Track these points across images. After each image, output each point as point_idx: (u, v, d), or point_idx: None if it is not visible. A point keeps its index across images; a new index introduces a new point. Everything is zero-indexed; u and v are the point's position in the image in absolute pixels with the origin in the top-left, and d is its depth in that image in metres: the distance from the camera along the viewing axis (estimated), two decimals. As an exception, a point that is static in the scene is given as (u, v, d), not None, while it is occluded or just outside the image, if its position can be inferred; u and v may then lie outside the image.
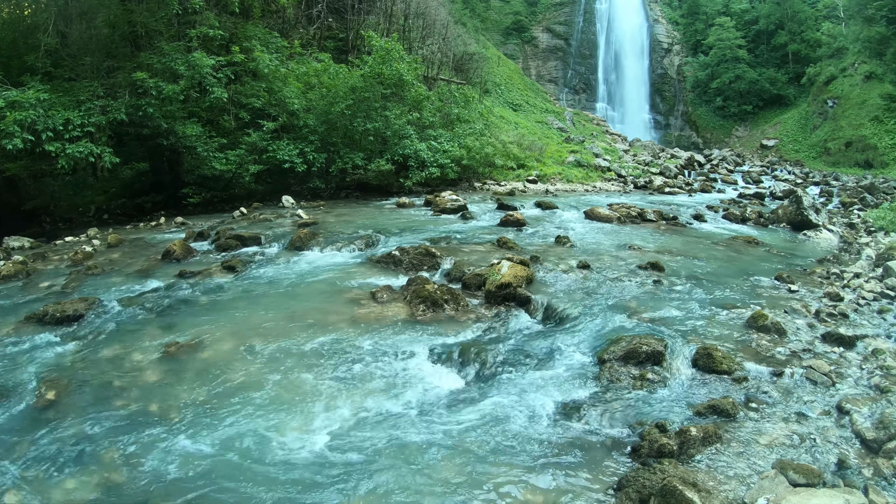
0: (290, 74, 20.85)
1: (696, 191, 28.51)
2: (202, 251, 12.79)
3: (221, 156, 18.15)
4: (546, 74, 66.90)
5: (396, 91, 22.08)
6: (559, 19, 68.78)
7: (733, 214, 20.02)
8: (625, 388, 6.90)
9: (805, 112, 53.84)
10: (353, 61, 23.16)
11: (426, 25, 33.88)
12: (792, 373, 7.25)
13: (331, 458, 5.59)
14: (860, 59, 47.85)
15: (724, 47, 60.33)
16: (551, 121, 43.56)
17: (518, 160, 27.50)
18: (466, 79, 35.22)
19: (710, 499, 4.83)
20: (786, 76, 59.94)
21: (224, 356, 7.57)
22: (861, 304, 10.10)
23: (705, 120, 63.46)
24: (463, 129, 24.82)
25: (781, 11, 60.44)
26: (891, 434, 5.77)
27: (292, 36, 24.79)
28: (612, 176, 30.01)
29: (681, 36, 69.36)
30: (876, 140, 42.07)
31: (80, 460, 5.57)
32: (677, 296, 10.02)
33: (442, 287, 9.63)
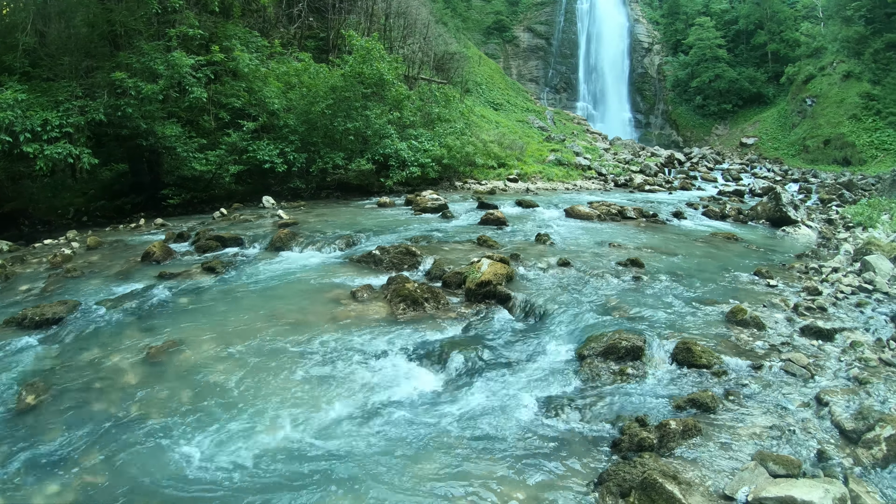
0: (270, 74, 20.77)
1: (676, 188, 28.71)
2: (182, 252, 12.72)
3: (201, 156, 18.03)
4: (527, 74, 67.06)
5: (377, 90, 22.05)
6: (540, 19, 68.97)
7: (713, 211, 20.19)
8: (605, 384, 6.94)
9: (784, 110, 54.42)
10: (334, 61, 23.11)
11: (407, 25, 33.85)
12: (771, 366, 7.32)
13: (312, 457, 5.57)
14: (838, 58, 48.57)
15: (704, 47, 60.79)
16: (532, 120, 43.61)
17: (499, 159, 27.54)
18: (447, 78, 35.23)
19: (691, 491, 4.85)
20: (765, 75, 60.58)
21: (205, 358, 7.52)
22: (839, 298, 10.22)
23: (685, 118, 63.90)
24: (444, 129, 24.85)
25: (761, 11, 61.05)
26: (870, 424, 5.82)
27: (273, 35, 24.69)
28: (592, 174, 30.11)
29: (661, 35, 69.83)
30: (854, 138, 42.70)
31: (61, 465, 5.52)
32: (657, 292, 10.07)
33: (422, 286, 9.64)
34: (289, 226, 14.33)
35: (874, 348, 8.00)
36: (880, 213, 19.51)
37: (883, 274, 11.58)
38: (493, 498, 5.05)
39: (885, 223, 17.89)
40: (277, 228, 13.96)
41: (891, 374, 7.19)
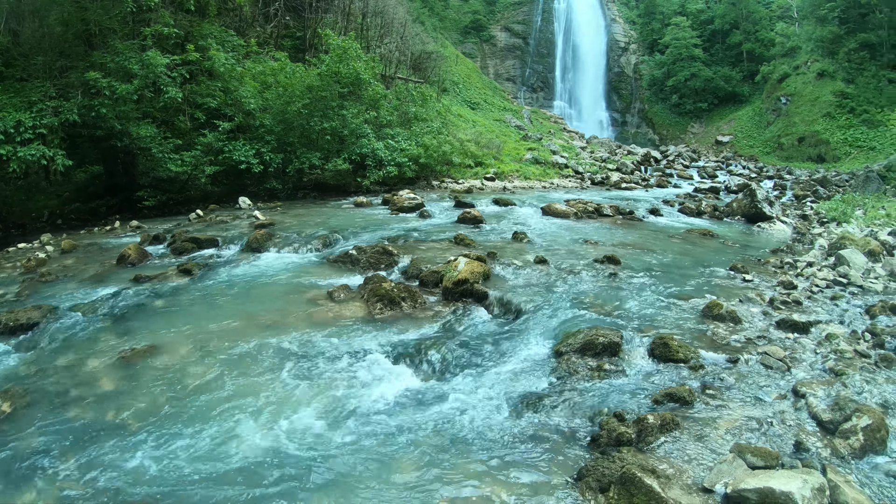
0: (246, 73, 20.59)
1: (652, 186, 28.88)
2: (158, 255, 12.59)
3: (177, 157, 17.84)
4: (504, 73, 67.15)
5: (354, 90, 21.95)
6: (517, 18, 69.09)
7: (689, 208, 20.35)
8: (582, 380, 6.93)
9: (759, 109, 55.02)
10: (311, 60, 23.00)
11: (384, 24, 33.74)
12: (748, 359, 7.39)
13: (290, 460, 5.51)
14: (813, 57, 49.29)
15: (680, 46, 61.23)
16: (509, 119, 43.67)
17: (476, 158, 27.53)
18: (424, 77, 35.17)
19: (670, 484, 4.87)
20: (740, 74, 61.13)
21: (181, 361, 7.44)
22: (814, 292, 10.36)
23: (661, 117, 64.33)
24: (420, 128, 24.82)
25: (736, 12, 61.64)
26: (846, 415, 5.89)
27: (249, 34, 24.48)
28: (569, 173, 30.18)
29: (637, 35, 70.25)
30: (828, 135, 43.33)
31: (38, 472, 5.41)
32: (633, 288, 10.12)
33: (399, 285, 9.62)
34: (265, 227, 14.22)
35: (849, 340, 8.10)
36: (854, 209, 19.80)
37: (857, 267, 11.73)
38: (473, 496, 5.02)
39: (859, 218, 18.13)
40: (254, 229, 13.85)
41: (866, 366, 7.29)
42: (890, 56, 43.98)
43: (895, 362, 7.40)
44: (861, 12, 44.95)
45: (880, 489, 5.17)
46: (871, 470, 5.41)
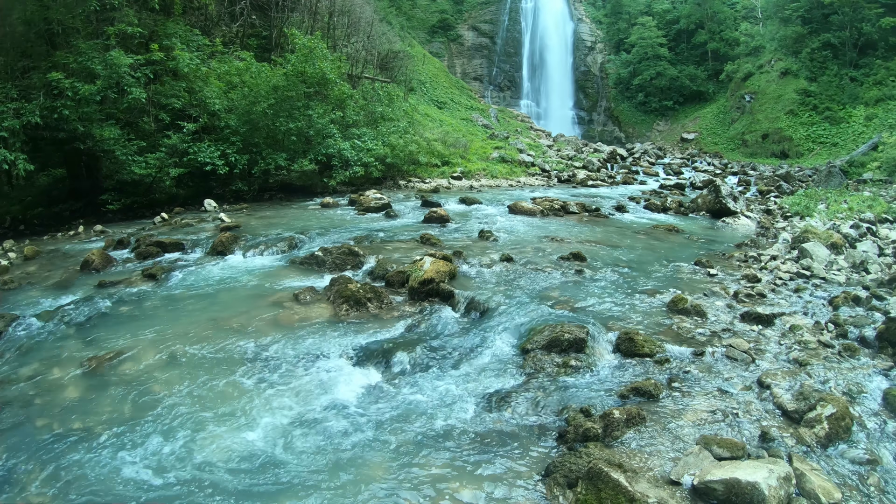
0: (211, 74, 20.31)
1: (618, 183, 29.14)
2: (122, 260, 12.34)
3: (141, 159, 17.53)
4: (471, 72, 67.21)
5: (320, 90, 21.79)
6: (485, 18, 69.17)
7: (654, 204, 20.52)
8: (549, 376, 6.94)
9: (723, 107, 55.77)
10: (277, 60, 22.79)
11: (351, 23, 33.54)
12: (713, 352, 7.46)
13: (255, 463, 5.44)
14: (776, 56, 50.17)
15: (646, 45, 61.73)
16: (476, 118, 43.74)
17: (443, 157, 27.53)
18: (391, 77, 35.08)
19: (637, 478, 4.88)
20: (705, 73, 61.92)
21: (147, 367, 7.30)
22: (778, 285, 10.51)
23: (627, 115, 64.86)
24: (387, 128, 24.73)
25: (702, 12, 62.37)
26: (811, 404, 5.98)
27: (214, 34, 24.16)
28: (536, 171, 30.27)
29: (604, 35, 70.71)
30: (791, 132, 44.16)
31: (3, 485, 5.29)
32: (599, 284, 10.18)
33: (365, 286, 9.55)
34: (231, 229, 14.08)
35: (813, 331, 8.22)
36: (817, 203, 20.09)
37: (820, 260, 11.90)
38: (442, 496, 5.00)
39: (822, 212, 18.40)
40: (219, 232, 13.70)
41: (830, 356, 7.41)
42: (851, 55, 44.94)
43: (858, 352, 7.53)
44: (824, 13, 45.91)
45: (846, 476, 5.24)
46: (836, 457, 5.49)
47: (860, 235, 15.05)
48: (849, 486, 5.10)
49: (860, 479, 5.21)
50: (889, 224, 17.15)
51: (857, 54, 44.76)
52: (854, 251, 12.82)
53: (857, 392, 6.54)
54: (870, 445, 5.66)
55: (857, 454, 5.51)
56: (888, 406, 6.27)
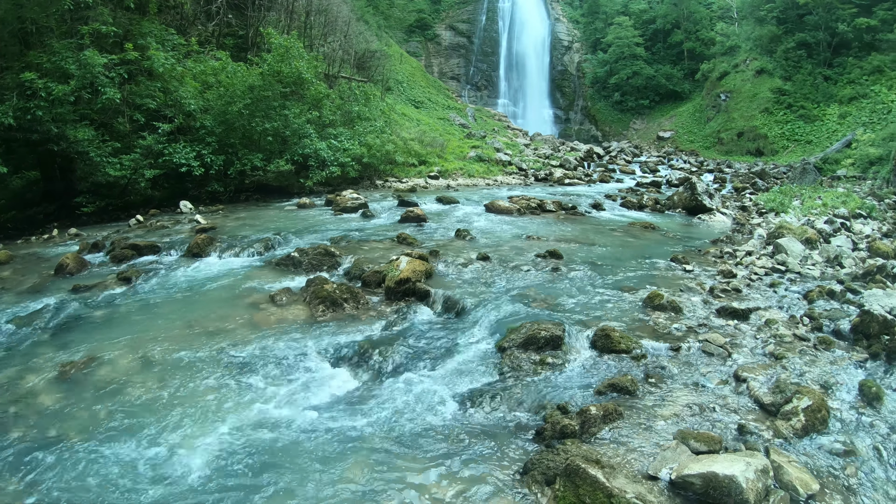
0: (186, 73, 20.07)
1: (595, 181, 29.25)
2: (97, 263, 12.16)
3: (115, 161, 17.25)
4: (449, 72, 67.22)
5: (296, 89, 21.66)
6: (462, 17, 69.18)
7: (631, 202, 20.62)
8: (526, 374, 6.95)
9: (699, 105, 56.32)
10: (253, 59, 22.60)
11: (328, 22, 33.30)
12: (689, 347, 7.51)
13: (233, 467, 5.38)
14: (752, 55, 50.76)
15: (622, 45, 62.09)
16: (453, 117, 43.73)
17: (419, 157, 27.48)
18: (368, 76, 34.94)
19: (615, 474, 4.87)
20: (681, 72, 62.50)
21: (123, 372, 7.20)
22: (753, 280, 10.60)
23: (604, 114, 65.24)
24: (364, 127, 24.58)
25: (678, 12, 62.90)
26: (787, 397, 6.03)
27: (190, 33, 23.87)
28: (513, 170, 30.28)
29: (581, 34, 71.07)
30: (766, 130, 44.70)
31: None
32: (576, 281, 10.22)
33: (341, 286, 9.50)
34: (207, 231, 13.94)
35: (788, 325, 8.30)
36: (791, 200, 20.31)
37: (794, 255, 12.00)
38: (420, 495, 4.98)
39: (796, 208, 18.59)
40: (195, 234, 13.54)
41: (805, 349, 7.48)
42: (826, 55, 45.52)
43: (833, 345, 7.61)
44: (799, 13, 46.57)
45: (824, 467, 5.30)
46: (813, 449, 5.54)
47: (834, 231, 15.23)
48: (826, 477, 5.15)
49: (837, 469, 5.27)
50: (862, 219, 17.38)
51: (831, 54, 45.32)
52: (828, 246, 12.95)
53: (832, 384, 6.61)
54: (846, 437, 5.73)
55: (834, 445, 5.58)
56: (864, 397, 6.35)
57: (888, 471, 5.33)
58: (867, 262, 11.95)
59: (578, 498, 4.58)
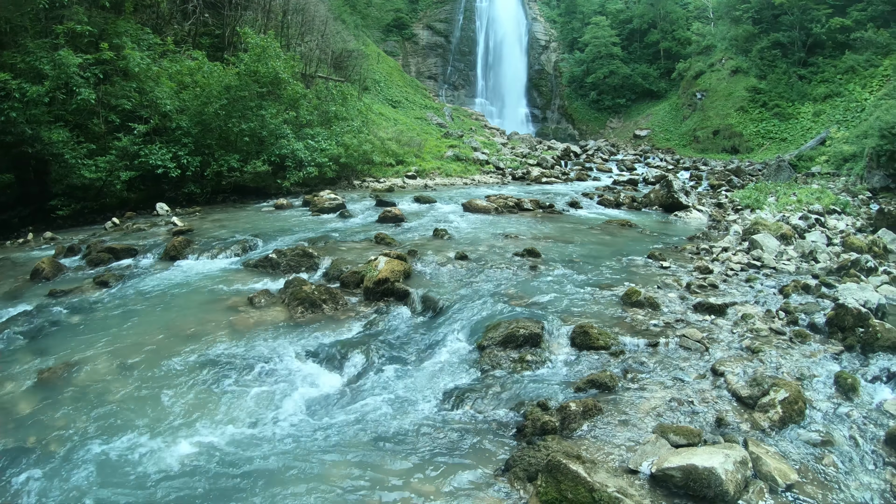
0: (162, 73, 19.83)
1: (572, 179, 29.39)
2: (73, 267, 11.97)
3: (91, 163, 16.98)
4: (426, 71, 67.18)
5: (273, 89, 21.52)
6: (440, 17, 69.15)
7: (608, 200, 20.74)
8: (506, 372, 7.00)
9: (675, 104, 56.86)
10: (229, 59, 22.42)
11: (305, 22, 33.09)
12: (667, 342, 7.57)
13: (215, 471, 5.35)
14: (727, 55, 51.48)
15: (599, 45, 62.41)
16: (430, 117, 43.74)
17: (397, 156, 27.45)
18: (345, 76, 34.82)
19: (596, 469, 4.89)
20: (657, 71, 63.00)
21: (101, 377, 7.12)
22: (729, 275, 10.71)
23: (581, 113, 65.56)
24: (341, 127, 24.46)
25: (654, 12, 63.46)
26: (764, 390, 6.11)
27: (166, 32, 23.55)
28: (490, 169, 30.36)
29: (558, 34, 71.38)
30: (741, 128, 45.27)
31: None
32: (554, 279, 10.25)
33: (320, 287, 9.47)
34: (184, 233, 13.81)
35: (764, 319, 8.39)
36: (766, 196, 20.54)
37: (770, 251, 12.13)
38: (403, 495, 4.99)
39: (771, 205, 18.79)
40: (172, 236, 13.41)
41: (781, 342, 7.58)
42: (800, 54, 46.19)
43: (809, 338, 7.70)
44: (774, 13, 47.32)
45: (801, 457, 5.38)
46: (791, 440, 5.63)
47: (809, 226, 15.40)
48: (804, 467, 5.24)
49: (815, 459, 5.36)
50: (837, 215, 17.61)
51: (805, 53, 45.94)
52: (803, 241, 13.08)
53: (809, 376, 6.70)
54: (823, 427, 5.82)
55: (811, 436, 5.66)
56: (840, 389, 6.45)
57: (865, 459, 5.42)
58: (841, 256, 12.10)
59: (560, 493, 4.59)
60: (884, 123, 24.41)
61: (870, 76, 40.83)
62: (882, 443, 5.62)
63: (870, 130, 26.54)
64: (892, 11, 41.15)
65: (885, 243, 13.83)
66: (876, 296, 8.89)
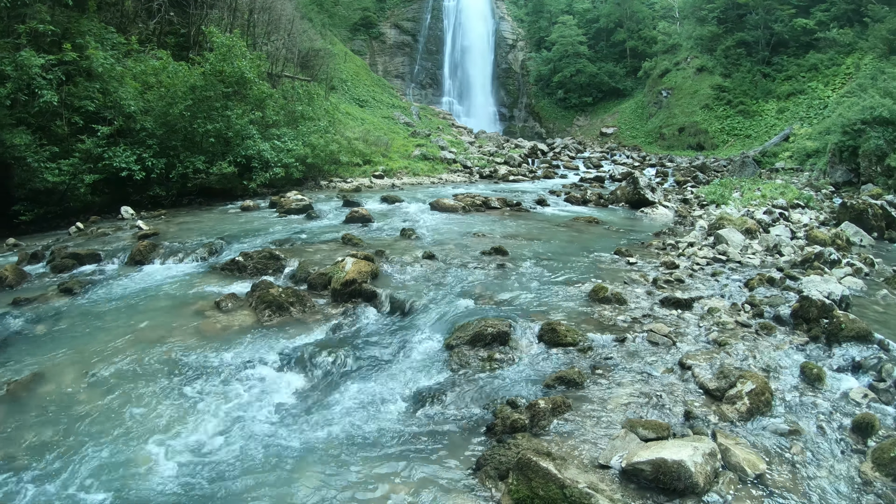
0: (126, 73, 19.50)
1: (539, 177, 29.59)
2: (37, 274, 11.67)
3: (53, 166, 16.63)
4: (393, 70, 67.11)
5: (238, 89, 21.28)
6: (407, 15, 69.15)
7: (575, 197, 20.87)
8: (475, 371, 7.00)
9: (641, 102, 57.61)
10: (195, 58, 22.13)
11: (271, 21, 32.79)
12: (634, 338, 7.64)
13: (184, 480, 5.26)
14: (693, 54, 52.32)
15: (566, 43, 62.93)
16: (398, 116, 43.69)
17: (364, 156, 27.35)
18: (312, 75, 34.59)
19: (566, 465, 4.90)
20: (624, 70, 63.79)
21: (68, 388, 6.96)
22: (695, 270, 10.82)
23: (548, 111, 65.99)
24: (308, 127, 24.28)
25: (621, 11, 64.31)
26: (731, 382, 6.19)
27: (130, 31, 23.11)
28: (457, 167, 30.42)
29: (525, 33, 71.87)
30: (706, 125, 45.96)
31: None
32: (521, 277, 10.29)
33: (287, 289, 9.35)
34: (149, 237, 13.58)
35: (730, 312, 8.50)
36: (731, 192, 20.82)
37: (735, 245, 12.28)
38: (375, 497, 4.96)
39: (736, 200, 19.04)
40: (137, 240, 13.16)
41: (747, 335, 7.69)
42: (764, 53, 47.19)
43: (774, 330, 7.81)
44: (739, 13, 48.47)
45: (769, 447, 5.45)
46: (759, 430, 5.71)
47: (773, 221, 15.63)
48: (773, 457, 5.31)
49: (783, 448, 5.44)
50: (800, 209, 17.89)
51: (769, 52, 46.89)
52: (768, 235, 13.28)
53: (775, 368, 6.80)
54: (790, 417, 5.91)
55: (779, 426, 5.74)
56: (806, 379, 6.55)
57: (832, 447, 5.52)
58: (805, 249, 12.28)
59: (532, 491, 4.60)
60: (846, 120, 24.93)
61: (832, 74, 41.68)
62: (849, 431, 5.72)
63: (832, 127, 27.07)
64: (854, 11, 41.92)
65: (847, 236, 14.08)
66: (839, 287, 9.04)
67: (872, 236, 15.04)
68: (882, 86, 26.44)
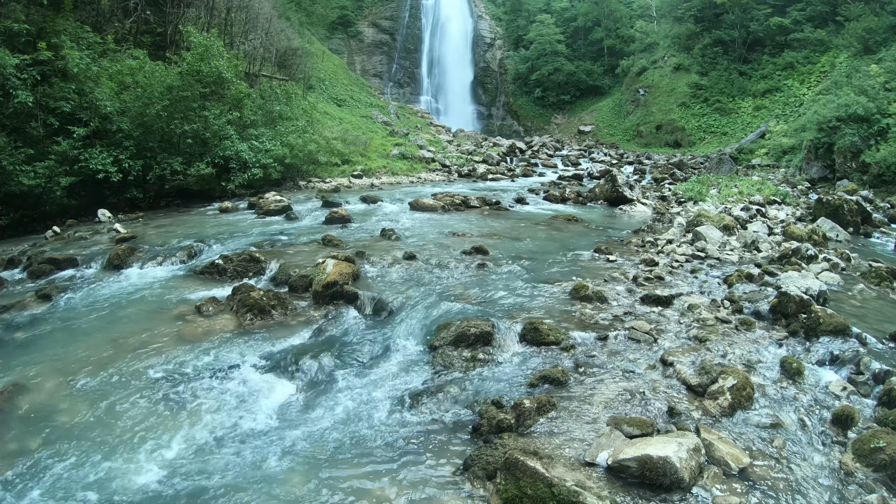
0: (102, 74, 19.22)
1: (518, 176, 29.57)
2: (14, 280, 11.46)
3: (29, 168, 16.37)
4: (371, 69, 66.99)
5: (216, 89, 21.09)
6: (385, 14, 69.07)
7: (553, 195, 20.91)
8: (459, 372, 7.00)
9: (619, 100, 58.01)
10: (172, 58, 21.92)
11: (249, 19, 32.55)
12: (616, 335, 7.69)
13: (169, 490, 5.20)
14: (670, 52, 52.88)
15: (544, 42, 63.22)
16: (376, 115, 43.57)
17: (342, 156, 27.23)
18: (290, 75, 34.40)
19: (553, 463, 4.93)
20: (601, 68, 64.37)
21: (48, 397, 6.85)
22: (675, 267, 10.93)
23: (526, 109, 66.24)
24: (286, 127, 24.11)
25: (599, 10, 64.79)
26: (713, 377, 6.26)
27: (106, 30, 22.79)
28: (436, 166, 30.38)
29: (503, 31, 72.14)
30: (683, 123, 46.43)
31: None
32: (502, 276, 10.32)
33: (268, 293, 9.28)
34: (127, 240, 13.41)
35: (710, 309, 8.58)
36: (709, 189, 20.98)
37: (713, 242, 12.39)
38: (363, 502, 4.94)
39: (714, 197, 19.19)
40: (115, 244, 12.98)
41: (727, 330, 7.78)
42: (741, 51, 47.86)
43: (754, 325, 7.91)
44: (716, 12, 49.01)
45: (752, 441, 5.53)
46: (741, 425, 5.79)
47: (751, 217, 15.78)
48: (756, 450, 5.39)
49: (765, 442, 5.52)
50: (777, 205, 18.07)
51: (746, 51, 47.51)
52: (745, 232, 13.40)
53: (755, 363, 6.89)
54: (772, 411, 6.00)
55: (761, 420, 5.83)
56: (786, 373, 6.64)
57: (813, 440, 5.61)
58: (782, 245, 12.42)
59: (520, 490, 4.61)
60: (821, 117, 25.26)
61: (808, 72, 42.24)
62: (829, 423, 5.82)
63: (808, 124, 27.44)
64: (829, 11, 42.44)
65: (824, 232, 14.25)
66: (817, 283, 9.17)
67: (848, 231, 15.24)
68: (857, 83, 26.79)
